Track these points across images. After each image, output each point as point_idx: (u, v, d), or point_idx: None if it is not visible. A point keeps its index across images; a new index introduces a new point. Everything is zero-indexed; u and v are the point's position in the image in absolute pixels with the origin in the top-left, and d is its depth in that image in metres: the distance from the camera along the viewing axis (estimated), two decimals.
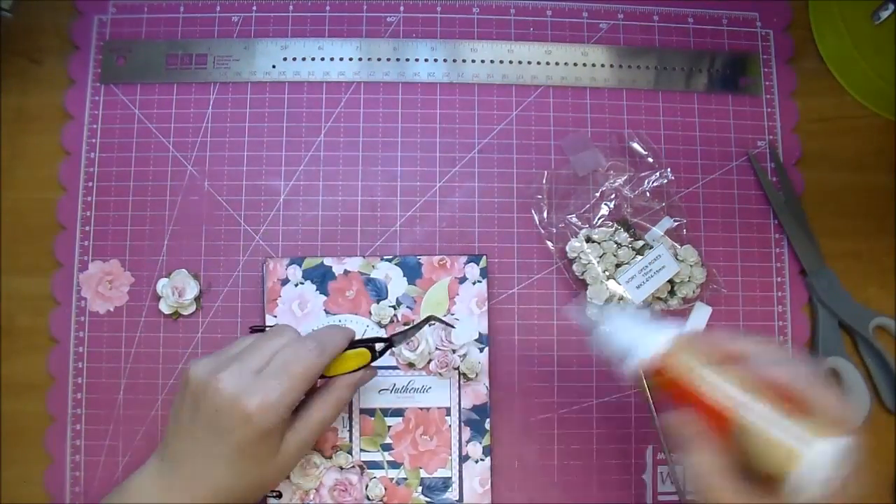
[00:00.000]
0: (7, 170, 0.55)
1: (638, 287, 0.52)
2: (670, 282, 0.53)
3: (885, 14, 0.51)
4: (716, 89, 0.57)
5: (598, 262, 0.52)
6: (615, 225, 0.54)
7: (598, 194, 0.55)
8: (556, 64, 0.57)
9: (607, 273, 0.52)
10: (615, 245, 0.53)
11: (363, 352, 0.46)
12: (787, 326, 0.55)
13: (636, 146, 0.56)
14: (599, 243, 0.53)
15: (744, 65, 0.58)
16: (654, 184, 0.55)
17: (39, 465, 0.52)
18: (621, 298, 0.52)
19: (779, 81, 0.58)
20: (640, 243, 0.53)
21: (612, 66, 0.57)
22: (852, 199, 0.57)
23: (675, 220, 0.54)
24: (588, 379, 0.54)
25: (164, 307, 0.53)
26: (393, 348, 0.48)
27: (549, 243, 0.54)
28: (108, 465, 0.52)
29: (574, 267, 0.53)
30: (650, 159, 0.55)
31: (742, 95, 0.58)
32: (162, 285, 0.53)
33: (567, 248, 0.53)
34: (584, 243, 0.53)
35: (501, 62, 0.57)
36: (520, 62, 0.57)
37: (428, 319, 0.49)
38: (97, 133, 0.55)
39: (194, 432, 0.42)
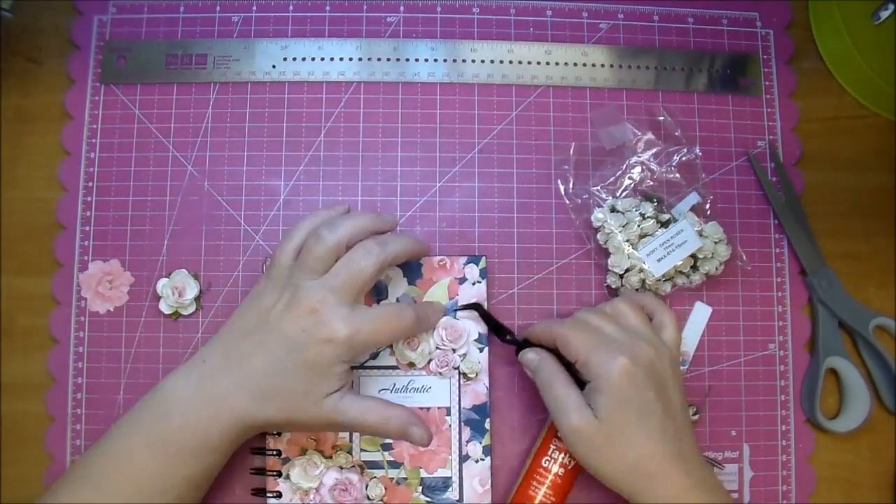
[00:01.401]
0: (7, 170, 0.55)
1: (658, 260, 0.52)
2: (693, 257, 0.53)
3: (885, 14, 0.51)
4: (716, 89, 0.57)
5: (620, 232, 0.52)
6: (641, 197, 0.54)
7: (624, 167, 0.55)
8: (556, 64, 0.57)
9: (630, 243, 0.52)
10: (640, 216, 0.53)
11: None
12: (787, 326, 0.55)
13: (664, 120, 0.56)
14: (623, 213, 0.53)
15: (744, 65, 0.58)
16: (683, 159, 0.55)
17: (39, 465, 0.51)
18: (641, 270, 0.52)
19: (779, 81, 0.58)
20: (666, 217, 0.53)
21: (612, 66, 0.57)
22: (852, 199, 0.58)
23: (701, 196, 0.54)
24: None
25: (164, 307, 0.53)
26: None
27: (573, 214, 0.55)
28: None
29: (598, 236, 0.54)
30: (677, 133, 0.55)
31: (742, 95, 0.58)
32: (162, 285, 0.53)
33: (592, 217, 0.54)
34: (608, 213, 0.53)
35: (501, 62, 0.57)
36: (520, 62, 0.57)
37: (474, 307, 0.52)
38: (97, 133, 0.55)
39: (267, 342, 0.44)
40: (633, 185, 0.55)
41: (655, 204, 0.54)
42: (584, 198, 0.55)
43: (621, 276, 0.53)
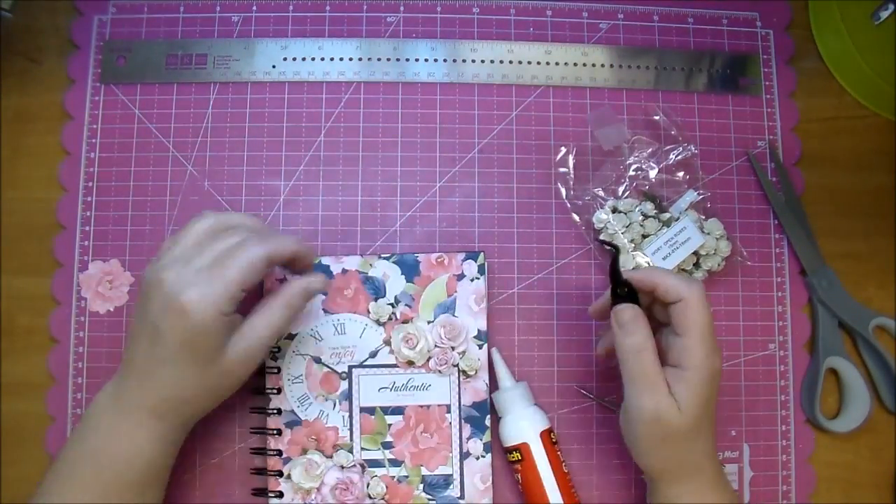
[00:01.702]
0: (7, 170, 0.55)
1: (664, 258, 0.52)
2: (695, 254, 0.53)
3: (885, 14, 0.51)
4: (716, 89, 0.57)
5: (624, 233, 0.53)
6: (642, 196, 0.54)
7: (623, 167, 0.55)
8: (556, 64, 0.57)
9: (634, 243, 0.53)
10: (641, 216, 0.53)
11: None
12: (787, 326, 0.55)
13: (660, 120, 0.56)
14: (625, 213, 0.53)
15: (744, 65, 0.58)
16: (679, 157, 0.55)
17: (39, 465, 0.51)
18: None
19: (779, 81, 0.58)
20: (667, 215, 0.53)
21: (612, 66, 0.57)
22: (852, 199, 0.58)
23: (699, 194, 0.54)
24: (588, 379, 0.54)
25: None
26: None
27: (575, 216, 0.55)
28: None
29: (601, 237, 0.54)
30: (673, 132, 0.55)
31: (742, 95, 0.58)
32: None
33: (594, 219, 0.54)
34: (610, 214, 0.53)
35: (501, 62, 0.57)
36: (520, 62, 0.57)
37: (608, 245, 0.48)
38: (97, 133, 0.55)
39: (142, 336, 0.42)
40: (632, 185, 0.55)
41: (656, 203, 0.54)
42: (585, 199, 0.55)
43: None
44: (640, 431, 0.44)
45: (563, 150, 0.56)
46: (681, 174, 0.55)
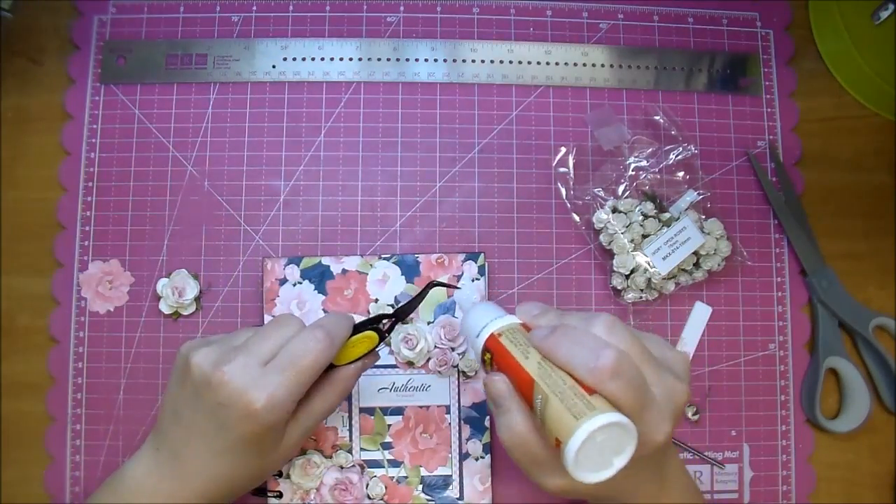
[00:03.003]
0: (7, 170, 0.55)
1: (664, 258, 0.52)
2: (696, 254, 0.53)
3: (885, 14, 0.51)
4: (716, 89, 0.57)
5: (624, 233, 0.53)
6: (642, 196, 0.54)
7: (623, 167, 0.55)
8: (556, 64, 0.57)
9: (634, 243, 0.53)
10: (641, 216, 0.53)
11: (370, 335, 0.43)
12: (787, 326, 0.55)
13: (661, 120, 0.56)
14: (625, 213, 0.53)
15: (744, 65, 0.58)
16: (679, 157, 0.55)
17: (39, 465, 0.52)
18: (646, 270, 0.52)
19: (779, 81, 0.58)
20: (667, 215, 0.54)
21: (612, 66, 0.57)
22: (852, 199, 0.58)
23: (699, 194, 0.54)
24: None
25: (164, 307, 0.53)
26: (400, 323, 0.45)
27: (575, 216, 0.55)
28: (108, 465, 0.52)
29: (601, 237, 0.54)
30: (673, 132, 0.55)
31: (742, 95, 0.58)
32: (162, 285, 0.53)
33: (594, 219, 0.54)
34: (611, 214, 0.53)
35: (501, 62, 0.57)
36: (520, 62, 0.57)
37: (430, 286, 0.45)
38: (97, 133, 0.55)
39: (194, 424, 0.41)
40: (632, 185, 0.55)
41: (656, 203, 0.54)
42: (585, 199, 0.55)
43: (627, 277, 0.53)
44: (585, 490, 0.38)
45: (563, 150, 0.56)
46: (681, 174, 0.55)
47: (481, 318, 0.41)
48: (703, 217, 0.54)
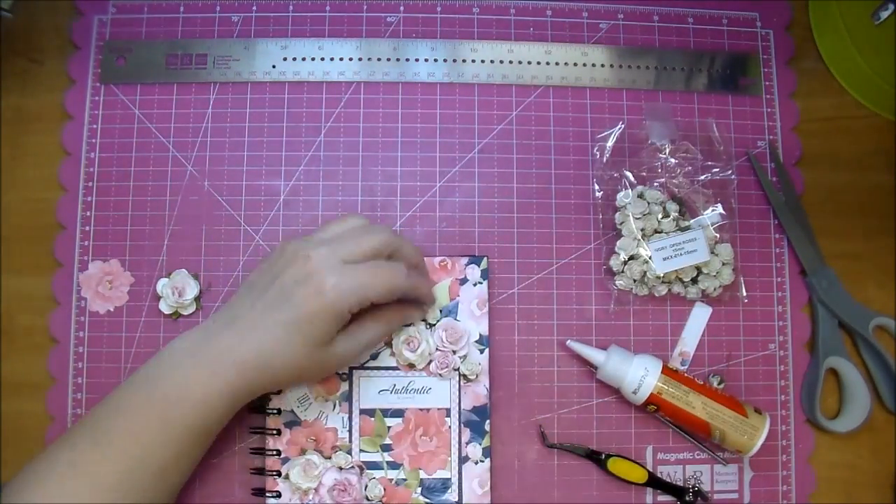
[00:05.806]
0: (7, 170, 0.55)
1: (664, 259, 0.52)
2: (697, 269, 0.53)
3: (885, 14, 0.51)
4: (716, 89, 0.57)
5: (639, 218, 0.53)
6: (670, 196, 0.54)
7: (660, 163, 0.55)
8: (556, 64, 0.57)
9: (643, 232, 0.53)
10: (662, 211, 0.53)
11: None
12: (787, 326, 0.55)
13: (713, 136, 0.56)
14: (648, 203, 0.53)
15: (744, 65, 0.58)
16: (717, 177, 0.55)
17: None
18: (646, 262, 0.52)
19: (779, 81, 0.58)
20: (686, 223, 0.53)
21: (612, 66, 0.57)
22: (852, 199, 0.58)
23: (722, 216, 0.54)
24: (588, 379, 0.54)
25: (164, 307, 0.53)
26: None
27: (597, 186, 0.55)
28: None
29: (616, 215, 0.54)
30: (721, 149, 0.56)
31: (742, 95, 0.58)
32: (162, 285, 0.53)
33: (618, 196, 0.54)
34: (635, 198, 0.53)
35: (501, 62, 0.57)
36: (520, 62, 0.57)
37: None
38: (97, 133, 0.55)
39: (266, 293, 0.45)
40: (663, 182, 0.55)
41: (682, 208, 0.54)
42: (613, 175, 0.55)
43: (625, 262, 0.53)
44: None
45: (621, 125, 0.56)
46: (711, 191, 0.55)
47: (623, 368, 0.51)
48: (718, 239, 0.54)
